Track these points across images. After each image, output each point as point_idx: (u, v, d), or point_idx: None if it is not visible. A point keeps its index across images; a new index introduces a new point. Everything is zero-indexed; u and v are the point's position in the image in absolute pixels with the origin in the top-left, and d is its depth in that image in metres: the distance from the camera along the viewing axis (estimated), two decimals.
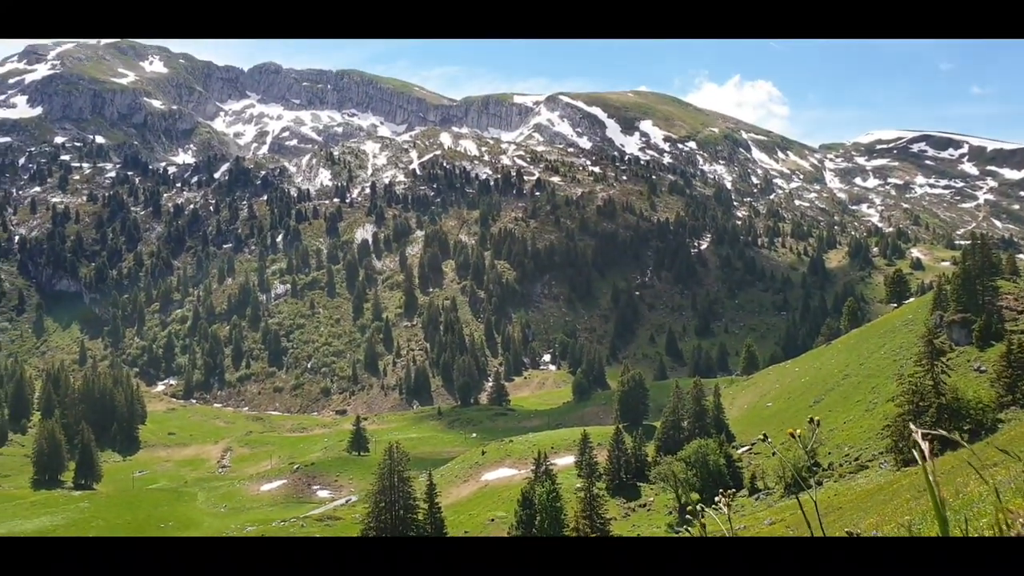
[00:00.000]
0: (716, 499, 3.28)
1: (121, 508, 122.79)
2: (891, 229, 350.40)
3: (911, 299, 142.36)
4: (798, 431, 2.64)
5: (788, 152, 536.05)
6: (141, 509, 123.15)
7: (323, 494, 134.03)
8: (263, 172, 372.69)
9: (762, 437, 3.27)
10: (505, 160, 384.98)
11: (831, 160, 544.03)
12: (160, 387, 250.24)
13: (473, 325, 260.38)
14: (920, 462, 1.68)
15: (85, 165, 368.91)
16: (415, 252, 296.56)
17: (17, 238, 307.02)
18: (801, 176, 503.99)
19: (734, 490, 78.58)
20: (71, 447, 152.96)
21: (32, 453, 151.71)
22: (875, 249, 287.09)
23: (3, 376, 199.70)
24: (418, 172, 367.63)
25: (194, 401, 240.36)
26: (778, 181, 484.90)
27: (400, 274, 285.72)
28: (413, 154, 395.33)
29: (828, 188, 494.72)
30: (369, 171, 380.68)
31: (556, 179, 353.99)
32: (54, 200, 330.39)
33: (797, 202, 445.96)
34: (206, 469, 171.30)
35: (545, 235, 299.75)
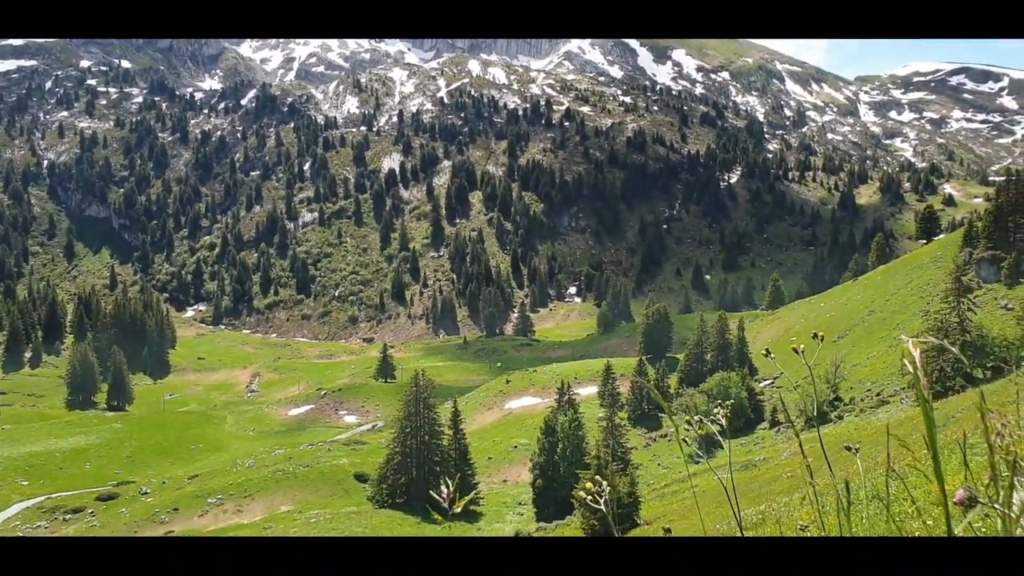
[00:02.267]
0: (715, 410, 3.08)
1: (152, 429, 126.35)
2: (924, 164, 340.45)
3: (941, 235, 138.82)
4: (802, 347, 2.57)
5: (823, 84, 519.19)
6: (172, 430, 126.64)
7: (350, 419, 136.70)
8: (290, 99, 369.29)
9: (765, 352, 2.85)
10: (534, 89, 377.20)
11: (866, 93, 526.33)
12: (190, 312, 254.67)
13: (499, 257, 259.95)
14: (912, 370, 1.70)
15: (112, 90, 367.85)
16: (442, 182, 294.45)
17: (46, 163, 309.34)
18: (835, 109, 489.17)
19: (732, 402, 78.42)
20: (103, 369, 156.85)
21: (66, 375, 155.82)
22: (907, 184, 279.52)
23: (36, 299, 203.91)
24: (446, 100, 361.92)
25: (223, 327, 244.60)
26: (811, 114, 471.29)
27: (427, 204, 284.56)
28: (441, 82, 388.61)
29: (861, 122, 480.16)
30: (396, 99, 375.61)
31: (585, 109, 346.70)
32: (81, 125, 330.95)
33: (830, 135, 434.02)
34: (235, 393, 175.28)
35: (573, 166, 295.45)
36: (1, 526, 75.30)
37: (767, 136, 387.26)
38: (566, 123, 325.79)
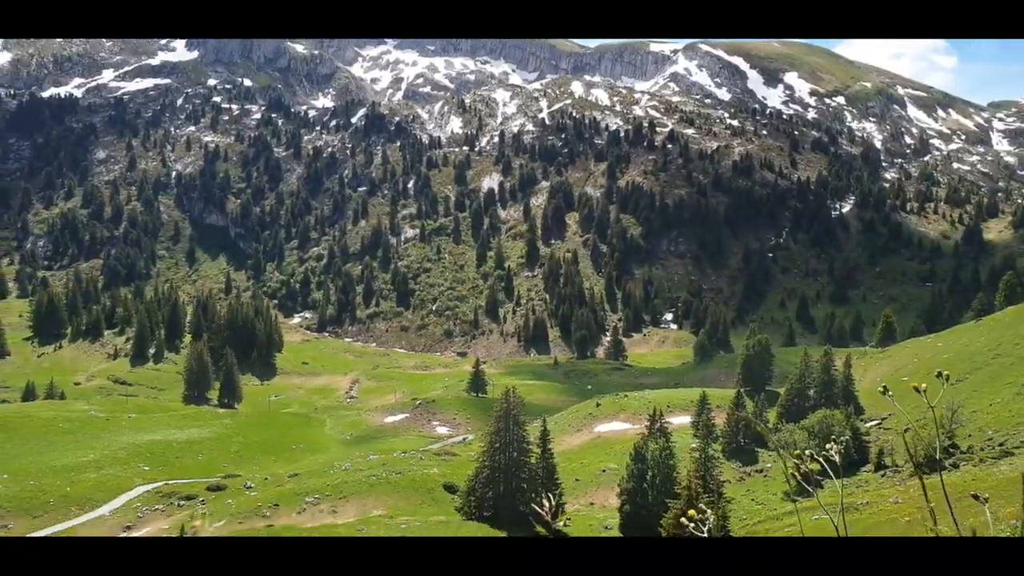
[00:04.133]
0: (828, 446, 2.94)
1: (258, 428, 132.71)
2: None
3: None
4: (924, 386, 2.41)
5: (950, 110, 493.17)
6: (275, 430, 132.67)
7: (442, 430, 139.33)
8: (397, 118, 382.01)
9: (882, 389, 2.93)
10: (637, 110, 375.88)
11: (1000, 120, 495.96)
12: (296, 319, 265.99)
13: (593, 279, 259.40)
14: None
15: (234, 106, 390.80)
16: (539, 203, 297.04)
17: (174, 173, 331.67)
18: (963, 137, 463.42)
19: (846, 438, 75.05)
20: (216, 368, 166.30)
21: (183, 371, 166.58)
22: None
23: (161, 300, 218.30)
24: (547, 121, 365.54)
25: (327, 334, 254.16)
26: (936, 142, 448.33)
27: (523, 224, 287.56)
28: (543, 103, 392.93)
29: (994, 151, 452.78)
30: (499, 119, 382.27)
31: (690, 131, 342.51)
32: (206, 139, 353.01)
33: (956, 165, 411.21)
34: (335, 398, 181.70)
35: (675, 190, 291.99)
36: (125, 506, 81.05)
37: (884, 164, 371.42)
38: (669, 145, 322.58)
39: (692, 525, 1.93)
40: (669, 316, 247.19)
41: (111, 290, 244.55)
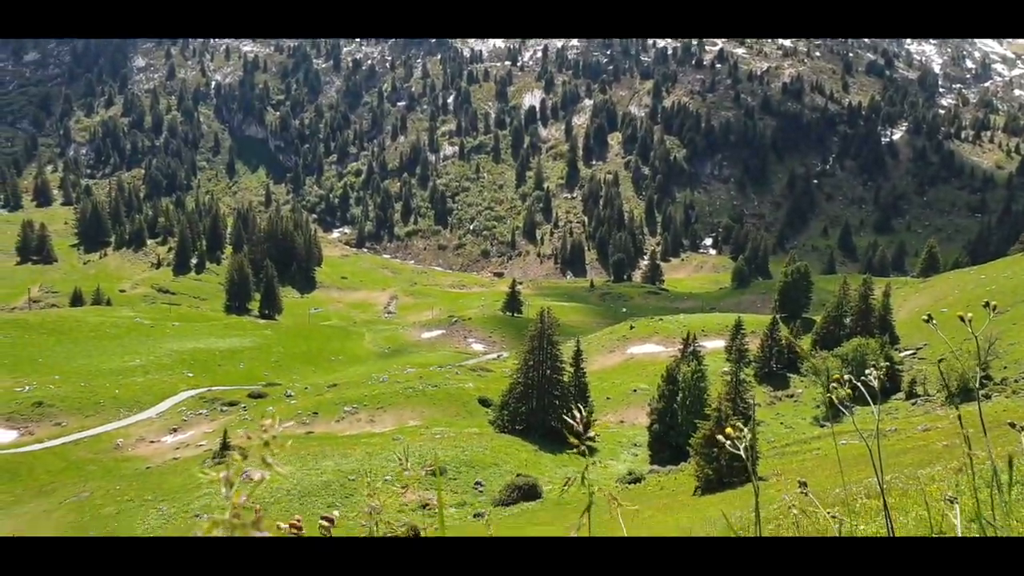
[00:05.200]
0: (867, 371, 2.94)
1: (298, 339, 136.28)
2: None
3: None
4: (969, 316, 2.35)
5: None
6: (315, 341, 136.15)
7: (477, 347, 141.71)
8: None
9: (926, 318, 2.89)
10: None
11: None
12: (335, 234, 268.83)
13: (633, 202, 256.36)
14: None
15: None
16: (581, 122, 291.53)
17: (214, 83, 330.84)
18: None
19: (889, 364, 74.75)
20: (256, 280, 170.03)
21: (224, 282, 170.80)
22: None
23: (201, 211, 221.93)
24: None
25: (365, 250, 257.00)
26: (998, 66, 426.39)
27: (564, 144, 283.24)
28: None
29: None
30: None
31: (740, 51, 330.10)
32: (245, 48, 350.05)
33: (1017, 92, 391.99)
34: (373, 313, 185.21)
35: (722, 111, 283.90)
36: (171, 410, 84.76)
37: (942, 90, 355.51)
38: (718, 65, 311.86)
39: (728, 443, 1.94)
40: (709, 241, 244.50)
41: (153, 200, 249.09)
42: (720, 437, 2.01)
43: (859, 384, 2.56)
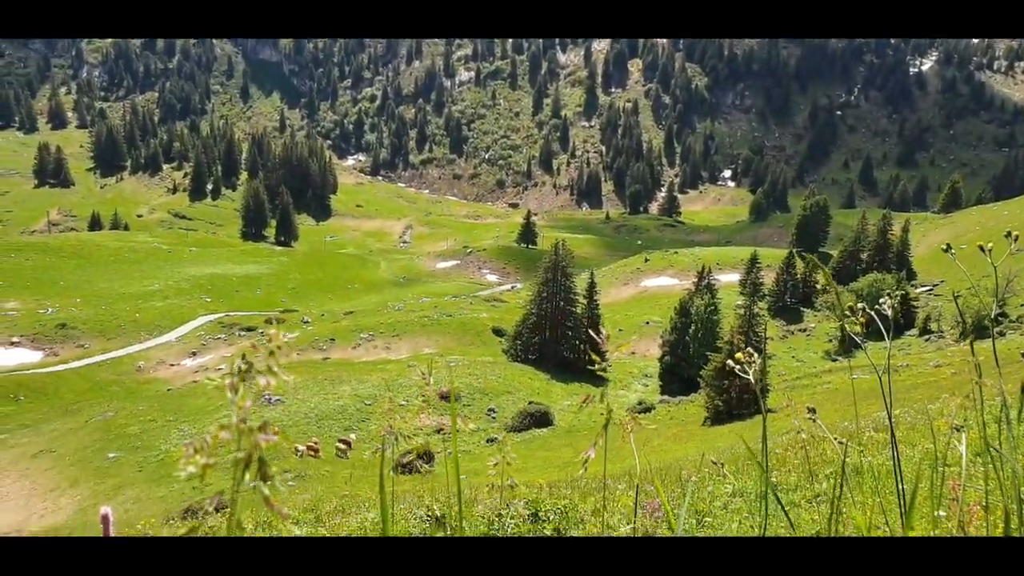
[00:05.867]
0: (881, 300, 2.89)
1: (314, 266, 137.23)
2: None
3: None
4: (989, 246, 2.32)
5: None
6: (331, 268, 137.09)
7: (491, 278, 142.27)
8: None
9: (944, 247, 2.81)
10: None
11: None
12: (350, 161, 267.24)
13: (653, 132, 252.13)
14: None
15: None
16: (601, 47, 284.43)
17: None
18: None
19: (903, 293, 74.63)
20: (272, 207, 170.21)
21: (240, 208, 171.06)
22: None
23: (216, 135, 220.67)
24: None
25: (380, 178, 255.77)
26: None
27: (583, 70, 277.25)
28: None
29: None
30: None
31: None
32: None
33: None
34: (388, 242, 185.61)
35: (745, 39, 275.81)
36: (190, 334, 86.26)
37: None
38: None
39: (738, 368, 1.94)
40: (728, 173, 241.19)
41: (167, 124, 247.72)
42: (730, 362, 2.03)
43: (873, 313, 2.55)
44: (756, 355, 2.00)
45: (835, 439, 2.82)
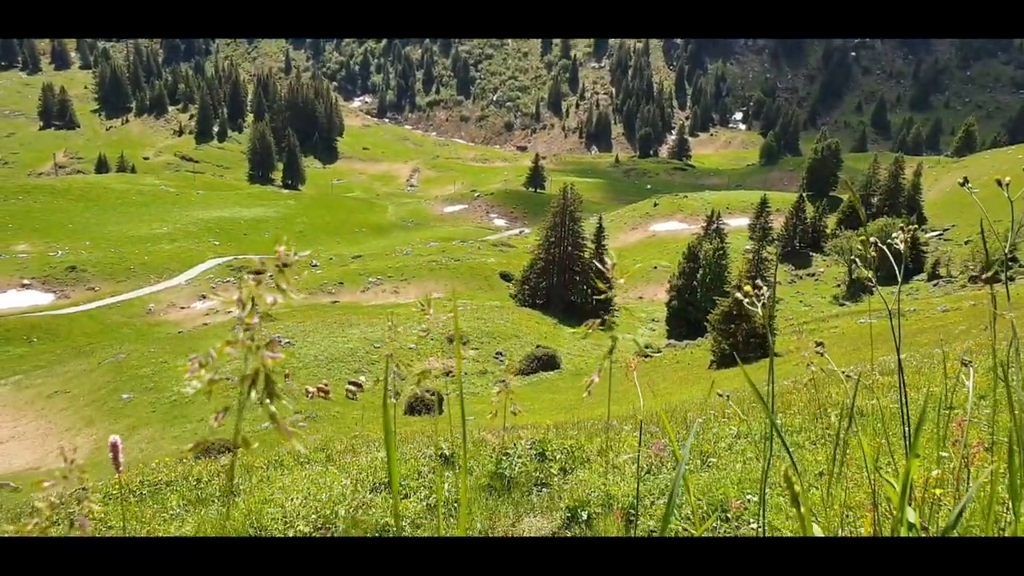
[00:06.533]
0: (894, 234, 2.81)
1: (322, 209, 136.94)
2: None
3: None
4: (1007, 179, 2.29)
5: None
6: (339, 212, 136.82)
7: (499, 222, 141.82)
8: None
9: (962, 181, 2.74)
10: None
11: None
12: (356, 103, 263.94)
13: (663, 73, 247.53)
14: None
15: None
16: None
17: None
18: None
19: (916, 225, 74.26)
20: (279, 150, 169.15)
21: (247, 151, 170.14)
22: None
23: (221, 77, 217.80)
24: None
25: (387, 120, 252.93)
26: None
27: None
28: None
29: None
30: None
31: None
32: None
33: None
34: (396, 185, 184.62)
35: None
36: (199, 277, 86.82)
37: None
38: None
39: (747, 300, 1.94)
40: (739, 116, 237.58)
41: (172, 65, 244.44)
42: (738, 294, 2.03)
43: (884, 248, 2.53)
44: (763, 286, 2.00)
45: (843, 372, 2.84)
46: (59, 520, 7.11)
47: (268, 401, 1.01)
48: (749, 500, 5.04)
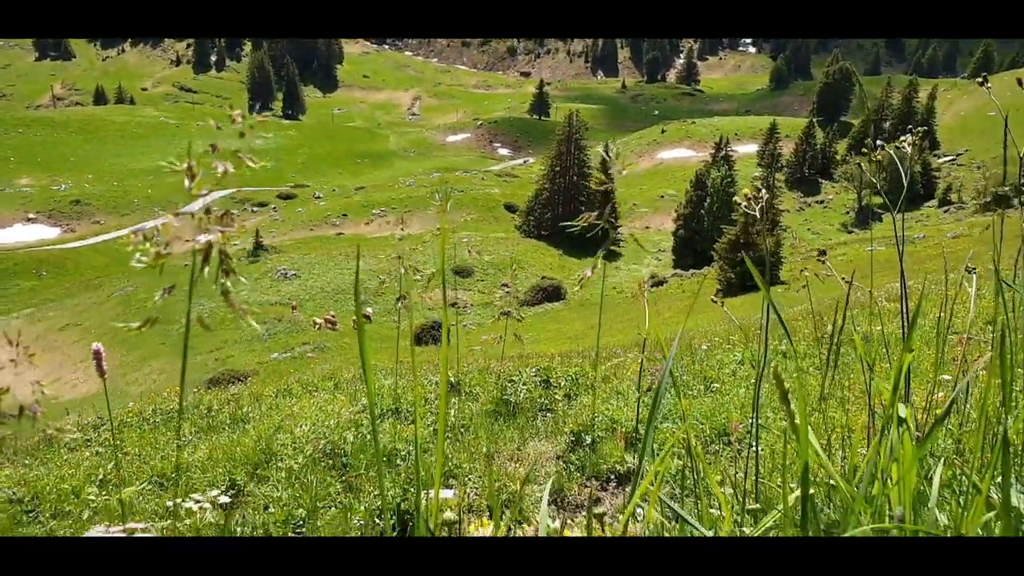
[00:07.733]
0: (903, 137, 2.73)
1: (323, 140, 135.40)
2: None
3: None
4: None
5: None
6: (340, 142, 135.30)
7: (503, 152, 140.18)
8: None
9: (980, 80, 2.54)
10: None
11: None
12: None
13: None
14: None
15: None
16: None
17: None
18: None
19: (924, 128, 73.46)
20: (278, 78, 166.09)
21: (246, 80, 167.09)
22: None
23: None
24: None
25: (386, 47, 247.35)
26: None
27: None
28: None
29: None
30: None
31: None
32: None
33: None
34: (397, 114, 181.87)
35: None
36: (202, 210, 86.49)
37: None
38: None
39: (744, 204, 1.93)
40: (748, 39, 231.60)
41: None
42: (737, 199, 2.03)
43: (891, 152, 2.49)
44: (764, 190, 1.99)
45: (842, 278, 2.81)
46: (76, 446, 7.26)
47: (224, 279, 0.95)
48: (752, 424, 5.09)
